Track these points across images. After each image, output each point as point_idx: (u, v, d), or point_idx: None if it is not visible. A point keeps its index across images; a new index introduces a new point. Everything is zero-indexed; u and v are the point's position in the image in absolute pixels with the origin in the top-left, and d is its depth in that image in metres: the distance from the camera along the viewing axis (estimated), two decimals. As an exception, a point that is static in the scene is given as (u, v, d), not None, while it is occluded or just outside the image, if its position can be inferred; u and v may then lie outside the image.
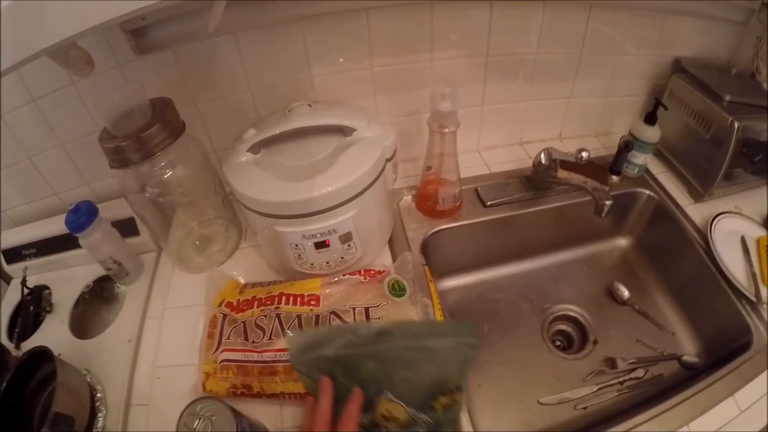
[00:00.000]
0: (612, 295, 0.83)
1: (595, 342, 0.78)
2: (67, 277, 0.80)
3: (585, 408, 0.71)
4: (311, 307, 0.57)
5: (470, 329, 0.51)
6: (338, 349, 0.50)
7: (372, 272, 0.61)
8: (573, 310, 0.80)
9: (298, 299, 0.58)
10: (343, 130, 0.58)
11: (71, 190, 0.82)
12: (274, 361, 0.55)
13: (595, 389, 0.74)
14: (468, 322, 0.52)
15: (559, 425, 0.69)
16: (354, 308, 0.57)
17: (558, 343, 0.79)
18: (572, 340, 0.80)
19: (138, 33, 0.64)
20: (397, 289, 0.59)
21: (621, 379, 0.74)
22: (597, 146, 0.88)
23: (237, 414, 0.48)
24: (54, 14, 0.32)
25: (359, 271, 0.61)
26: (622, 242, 0.88)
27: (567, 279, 0.83)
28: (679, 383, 0.70)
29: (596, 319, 0.80)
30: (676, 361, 0.76)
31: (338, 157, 0.55)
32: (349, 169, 0.54)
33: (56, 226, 0.78)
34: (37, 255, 0.82)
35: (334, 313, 0.57)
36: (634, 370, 0.75)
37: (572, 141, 0.87)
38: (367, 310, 0.57)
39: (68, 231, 0.68)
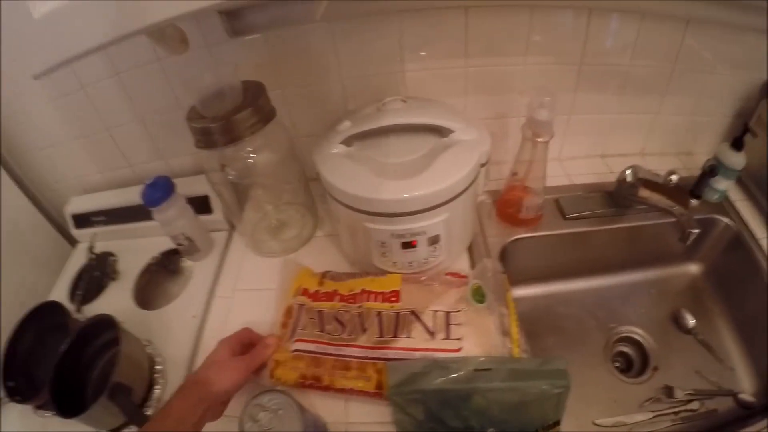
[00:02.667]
0: (677, 322, 0.80)
1: (655, 368, 0.76)
2: (133, 247, 0.82)
3: (638, 434, 0.69)
4: (392, 303, 0.57)
5: (563, 372, 0.51)
6: (440, 384, 0.50)
7: (454, 275, 0.60)
8: (637, 333, 0.78)
9: (380, 296, 0.58)
10: (439, 131, 0.57)
11: (146, 163, 0.83)
12: (349, 357, 0.55)
13: (651, 416, 0.72)
14: (561, 365, 0.52)
15: None
16: (435, 312, 0.56)
17: (618, 364, 0.77)
18: (632, 363, 0.78)
19: (233, 15, 0.64)
20: (479, 295, 0.58)
21: (676, 410, 0.73)
22: (678, 166, 0.84)
23: (303, 410, 0.48)
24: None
25: (441, 273, 0.59)
26: (693, 268, 0.85)
27: (634, 300, 0.81)
28: (732, 420, 0.68)
29: (659, 345, 0.78)
30: (732, 397, 0.73)
31: (435, 159, 0.54)
32: (447, 172, 0.53)
33: (128, 197, 0.80)
34: (106, 223, 0.84)
35: (413, 313, 0.56)
36: (690, 401, 0.73)
37: (654, 158, 0.84)
38: (447, 314, 0.56)
39: (141, 203, 0.69)
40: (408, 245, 0.56)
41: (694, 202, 0.81)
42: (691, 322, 0.80)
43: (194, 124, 0.59)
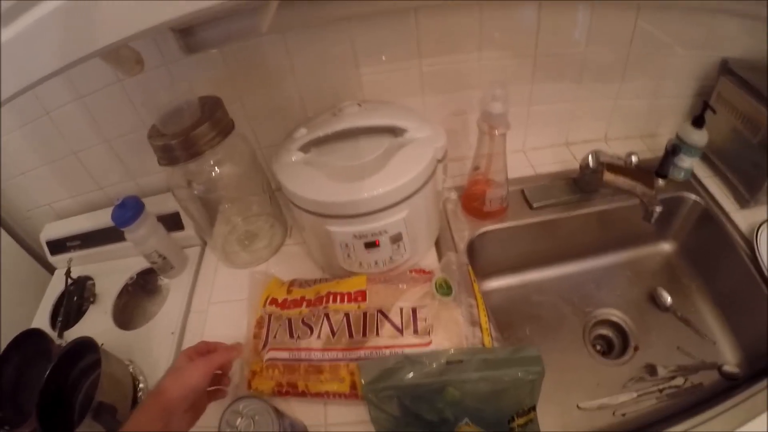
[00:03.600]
0: (654, 300, 0.82)
1: (636, 348, 0.77)
2: (110, 269, 0.83)
3: (624, 415, 0.70)
4: (358, 303, 0.58)
5: (536, 359, 0.52)
6: (413, 379, 0.51)
7: (419, 271, 0.61)
8: (615, 314, 0.80)
9: (346, 297, 0.59)
10: (394, 131, 0.59)
11: (116, 184, 0.84)
12: (321, 360, 0.56)
13: (635, 396, 0.73)
14: (534, 352, 0.52)
15: (599, 431, 0.68)
16: (401, 308, 0.57)
17: (599, 347, 0.78)
18: (613, 345, 0.79)
19: (186, 32, 0.65)
20: (445, 288, 0.59)
21: (660, 387, 0.73)
22: (642, 148, 0.86)
23: (279, 414, 0.49)
24: (107, 16, 0.32)
25: (406, 270, 0.61)
26: (666, 247, 0.87)
27: (610, 283, 0.82)
28: (718, 393, 0.69)
29: (638, 325, 0.79)
30: (717, 370, 0.74)
31: (390, 158, 0.56)
32: (402, 170, 0.54)
33: (100, 220, 0.81)
34: (81, 247, 0.85)
35: (380, 311, 0.57)
36: (674, 378, 0.74)
37: (618, 142, 0.86)
38: (414, 310, 0.57)
39: (113, 224, 0.70)
40: (371, 245, 0.58)
41: (660, 182, 0.83)
42: (668, 299, 0.81)
43: (155, 142, 0.60)
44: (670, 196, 0.82)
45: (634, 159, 0.71)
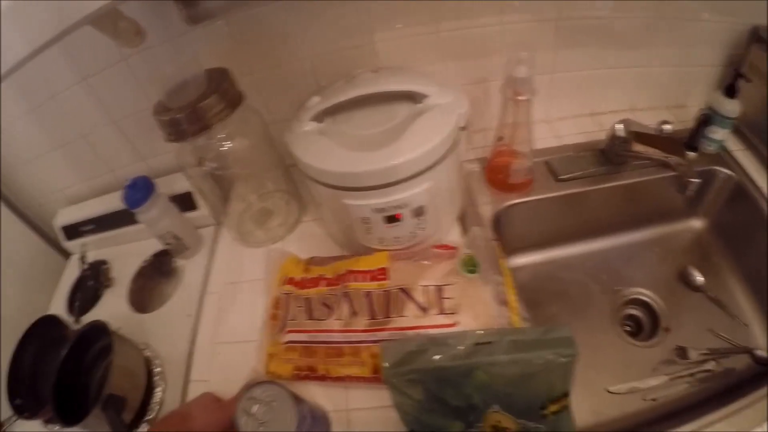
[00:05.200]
0: (685, 280, 0.75)
1: (666, 329, 0.71)
2: (125, 252, 0.79)
3: (654, 399, 0.65)
4: (380, 281, 0.53)
5: (568, 340, 0.46)
6: (438, 362, 0.46)
7: (443, 247, 0.56)
8: (645, 294, 0.74)
9: (367, 275, 0.54)
10: (413, 97, 0.53)
11: (127, 166, 0.80)
12: (341, 342, 0.51)
13: (665, 380, 0.68)
14: (566, 332, 0.47)
15: (627, 416, 0.64)
16: (425, 286, 0.52)
17: (628, 328, 0.72)
18: (642, 325, 0.73)
19: (189, 2, 0.59)
20: (471, 265, 0.53)
21: (692, 371, 0.68)
22: (671, 119, 0.78)
23: (298, 399, 0.45)
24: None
25: (429, 246, 0.55)
26: (697, 224, 0.80)
27: (638, 260, 0.76)
28: (750, 378, 0.64)
29: (668, 305, 0.73)
30: (748, 354, 0.68)
31: (410, 125, 0.50)
32: (424, 138, 0.49)
33: (113, 203, 0.77)
34: (95, 231, 0.81)
35: (403, 290, 0.52)
36: (705, 361, 0.69)
37: (645, 113, 0.79)
38: (439, 288, 0.52)
39: (125, 207, 0.65)
40: (392, 219, 0.52)
41: (691, 154, 0.76)
42: (699, 279, 0.75)
43: (161, 117, 0.55)
44: (701, 170, 0.75)
45: (667, 128, 0.64)
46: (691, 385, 0.66)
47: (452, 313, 0.51)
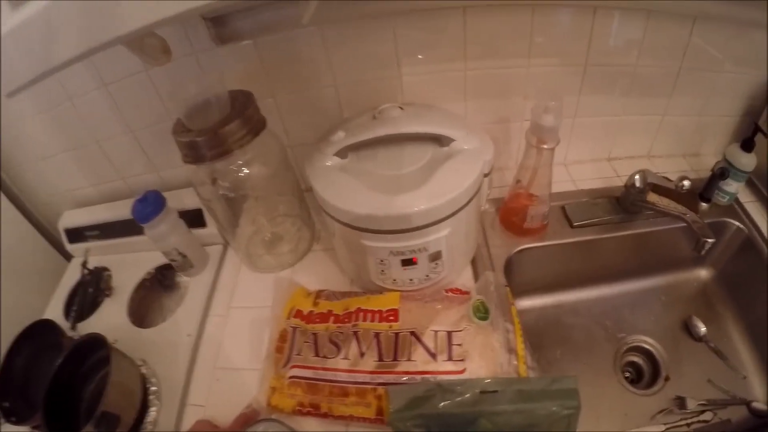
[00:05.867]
0: (688, 329, 0.75)
1: (666, 378, 0.71)
2: (128, 262, 0.77)
3: (651, 449, 0.64)
4: (390, 323, 0.52)
5: (573, 392, 0.46)
6: (444, 408, 0.45)
7: (455, 291, 0.55)
8: (647, 342, 0.73)
9: (377, 315, 0.52)
10: (439, 140, 0.51)
11: (138, 176, 0.78)
12: (347, 382, 0.50)
13: (663, 429, 0.67)
14: (571, 384, 0.46)
15: None
16: (436, 332, 0.51)
17: (628, 375, 0.72)
18: (642, 373, 0.73)
19: (219, 21, 0.58)
20: (482, 311, 0.52)
21: (689, 421, 0.68)
22: (685, 168, 0.79)
23: None
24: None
25: (442, 289, 0.54)
26: (703, 274, 0.79)
27: (644, 308, 0.76)
28: (747, 430, 0.64)
29: (670, 354, 0.73)
30: (746, 406, 0.68)
31: (435, 171, 0.49)
32: (448, 185, 0.48)
33: (121, 211, 0.75)
34: (99, 237, 0.79)
35: (413, 333, 0.51)
36: (703, 412, 0.68)
37: (661, 160, 0.78)
38: (449, 334, 0.51)
39: (134, 218, 0.63)
40: (408, 262, 0.51)
41: (704, 205, 0.75)
42: (702, 329, 0.74)
43: (180, 138, 0.53)
44: (712, 222, 0.74)
45: (686, 183, 0.63)
46: (687, 436, 0.66)
47: (461, 360, 0.50)
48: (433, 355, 0.50)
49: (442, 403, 0.46)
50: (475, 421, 0.46)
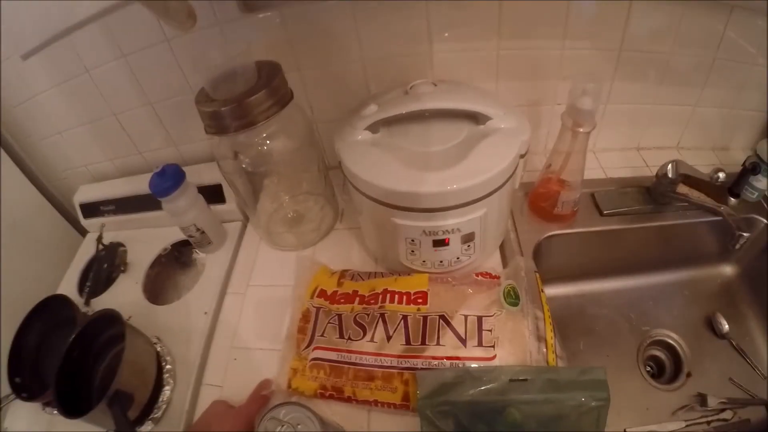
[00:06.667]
0: (711, 325, 0.73)
1: (688, 374, 0.69)
2: (144, 238, 0.75)
3: (670, 444, 0.62)
4: (418, 306, 0.50)
5: (602, 383, 0.44)
6: (473, 396, 0.43)
7: (485, 275, 0.52)
8: (670, 336, 0.71)
9: (404, 297, 0.50)
10: (475, 117, 0.49)
11: (156, 150, 0.75)
12: (373, 366, 0.47)
13: (683, 426, 0.65)
14: (601, 375, 0.45)
15: None
16: (466, 316, 0.48)
17: (649, 369, 0.70)
18: (664, 368, 0.71)
19: (248, -11, 0.55)
20: (513, 297, 0.50)
21: (709, 419, 0.66)
22: (714, 161, 0.76)
23: (324, 423, 0.42)
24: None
25: (471, 272, 0.51)
26: (728, 270, 0.77)
27: (668, 302, 0.74)
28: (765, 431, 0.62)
29: (692, 350, 0.71)
30: (765, 407, 0.66)
31: (473, 149, 0.46)
32: (486, 164, 0.45)
33: (137, 186, 0.73)
34: (115, 212, 0.77)
35: (443, 317, 0.48)
36: (723, 410, 0.66)
37: (690, 153, 0.76)
38: (480, 319, 0.49)
39: (152, 194, 0.61)
40: (440, 243, 0.48)
41: (732, 201, 0.72)
42: (725, 326, 0.72)
43: (203, 107, 0.51)
44: (741, 218, 0.72)
45: (721, 176, 0.61)
46: (706, 433, 0.64)
47: (491, 346, 0.47)
48: (463, 341, 0.47)
49: (471, 391, 0.44)
50: (503, 410, 0.44)
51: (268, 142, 0.54)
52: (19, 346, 0.60)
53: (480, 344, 0.47)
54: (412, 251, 0.50)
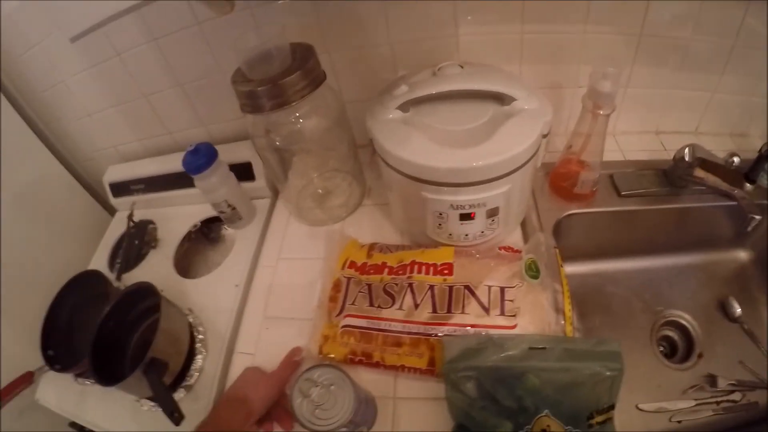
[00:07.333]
0: (724, 309, 0.75)
1: (700, 355, 0.71)
2: (173, 216, 0.79)
3: (679, 422, 0.65)
4: (444, 276, 0.53)
5: (617, 355, 0.47)
6: (495, 361, 0.47)
7: (507, 249, 0.56)
8: (684, 317, 0.73)
9: (431, 268, 0.53)
10: (500, 98, 0.51)
11: (185, 130, 0.79)
12: (401, 332, 0.51)
13: (693, 404, 0.68)
14: (615, 347, 0.48)
15: None
16: (489, 287, 0.52)
17: (662, 348, 0.72)
18: (677, 348, 0.73)
19: (281, -29, 0.58)
20: (534, 270, 0.53)
21: (718, 399, 0.68)
22: (731, 147, 0.78)
23: (356, 385, 0.44)
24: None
25: (495, 246, 0.55)
26: (742, 255, 0.79)
27: (682, 284, 0.76)
28: None
29: (704, 332, 0.73)
30: (771, 390, 0.68)
31: (499, 128, 0.49)
32: (511, 142, 0.48)
33: (166, 165, 0.76)
34: (144, 191, 0.81)
35: (467, 287, 0.52)
36: (732, 392, 0.69)
37: (708, 138, 0.78)
38: (502, 290, 0.52)
39: (180, 170, 0.65)
40: (466, 217, 0.51)
41: (748, 186, 0.74)
42: (737, 310, 0.74)
43: (240, 87, 0.54)
44: (754, 202, 0.74)
45: (736, 160, 0.63)
46: (715, 413, 0.66)
47: (512, 316, 0.51)
48: (486, 310, 0.51)
49: (494, 356, 0.47)
50: (522, 375, 0.47)
51: (301, 121, 0.57)
52: (52, 320, 0.63)
53: (502, 313, 0.50)
54: (440, 225, 0.53)
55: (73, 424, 0.69)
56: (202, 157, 0.64)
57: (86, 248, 0.81)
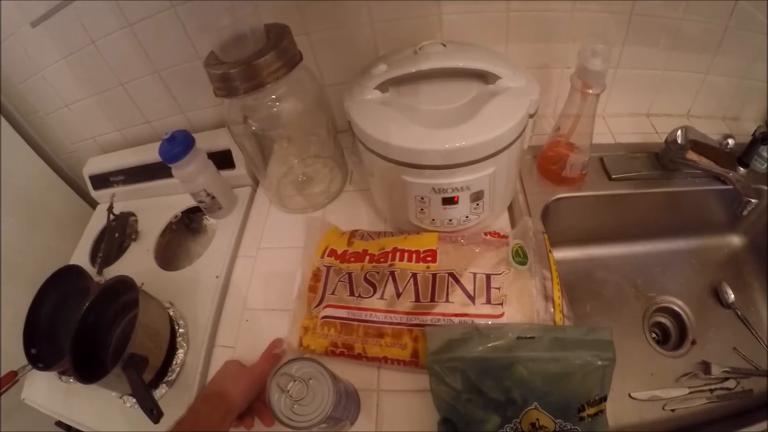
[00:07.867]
0: (717, 295, 0.73)
1: (693, 342, 0.70)
2: (154, 206, 0.77)
3: (673, 410, 0.64)
4: (428, 264, 0.51)
5: (608, 344, 0.45)
6: (481, 352, 0.44)
7: (493, 234, 0.53)
8: (676, 304, 0.72)
9: (414, 255, 0.51)
10: (484, 77, 0.49)
11: (164, 118, 0.76)
12: (383, 323, 0.49)
13: (686, 392, 0.66)
14: (606, 336, 0.46)
15: (645, 424, 0.63)
16: (474, 274, 0.49)
17: (654, 335, 0.71)
18: (669, 335, 0.72)
19: (255, -49, 0.55)
20: (521, 256, 0.51)
21: (712, 387, 0.66)
22: (724, 130, 0.76)
23: (335, 379, 0.42)
24: None
25: (480, 232, 0.52)
26: (735, 240, 0.77)
27: (674, 269, 0.74)
28: (765, 403, 0.63)
29: (698, 318, 0.71)
30: (767, 378, 0.66)
31: (482, 107, 0.47)
32: (495, 122, 0.46)
33: (146, 155, 0.74)
34: (124, 182, 0.78)
35: (452, 275, 0.49)
36: (726, 379, 0.67)
37: (700, 121, 0.76)
38: (488, 277, 0.50)
39: (159, 160, 0.62)
40: (449, 201, 0.49)
41: (742, 170, 0.73)
42: (731, 296, 0.73)
43: (213, 70, 0.51)
44: (749, 186, 0.72)
45: (730, 142, 0.61)
46: (709, 401, 0.64)
47: (499, 304, 0.48)
48: (472, 298, 0.48)
49: (479, 347, 0.45)
50: (510, 366, 0.45)
51: (277, 104, 0.55)
52: (34, 318, 0.61)
53: (488, 302, 0.48)
54: (422, 209, 0.51)
55: (59, 424, 0.67)
56: (178, 145, 0.61)
57: (68, 242, 0.79)
